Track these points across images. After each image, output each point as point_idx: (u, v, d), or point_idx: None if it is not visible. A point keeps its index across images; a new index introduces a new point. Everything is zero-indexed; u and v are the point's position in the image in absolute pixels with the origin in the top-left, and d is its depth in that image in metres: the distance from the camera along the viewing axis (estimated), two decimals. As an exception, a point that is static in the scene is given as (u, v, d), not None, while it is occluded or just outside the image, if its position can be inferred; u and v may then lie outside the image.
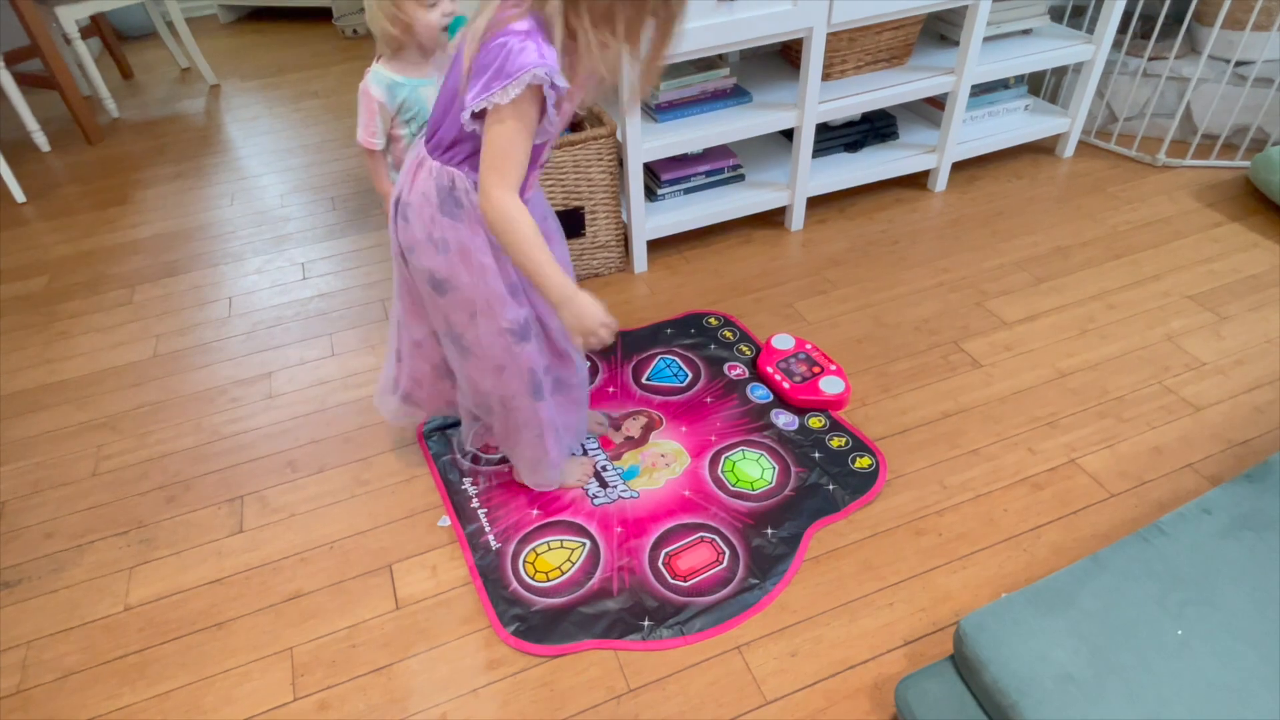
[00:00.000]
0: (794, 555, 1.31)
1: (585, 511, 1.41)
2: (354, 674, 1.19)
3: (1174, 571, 0.95)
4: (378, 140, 1.48)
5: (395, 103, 1.44)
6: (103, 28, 3.28)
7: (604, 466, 1.48)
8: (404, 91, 1.43)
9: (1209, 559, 0.95)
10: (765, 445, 1.51)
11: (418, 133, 1.48)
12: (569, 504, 1.42)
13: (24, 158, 2.73)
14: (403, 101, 1.44)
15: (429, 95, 1.46)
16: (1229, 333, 1.70)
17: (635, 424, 1.57)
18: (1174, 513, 1.00)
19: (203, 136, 2.88)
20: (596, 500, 1.42)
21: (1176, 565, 0.96)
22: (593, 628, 1.23)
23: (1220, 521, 0.98)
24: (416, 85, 1.44)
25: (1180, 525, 0.99)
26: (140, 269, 2.15)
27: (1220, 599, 0.92)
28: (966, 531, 1.33)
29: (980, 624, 0.96)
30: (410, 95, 1.44)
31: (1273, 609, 0.89)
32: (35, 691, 1.19)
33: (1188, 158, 2.27)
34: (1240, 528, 0.97)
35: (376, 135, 1.47)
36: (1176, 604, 0.92)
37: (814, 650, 1.18)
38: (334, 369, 1.76)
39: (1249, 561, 0.94)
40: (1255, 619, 0.89)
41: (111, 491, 1.51)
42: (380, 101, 1.43)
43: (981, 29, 1.94)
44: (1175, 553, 0.97)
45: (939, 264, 1.96)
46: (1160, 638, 0.90)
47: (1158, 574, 0.95)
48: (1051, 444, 1.48)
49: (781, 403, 1.59)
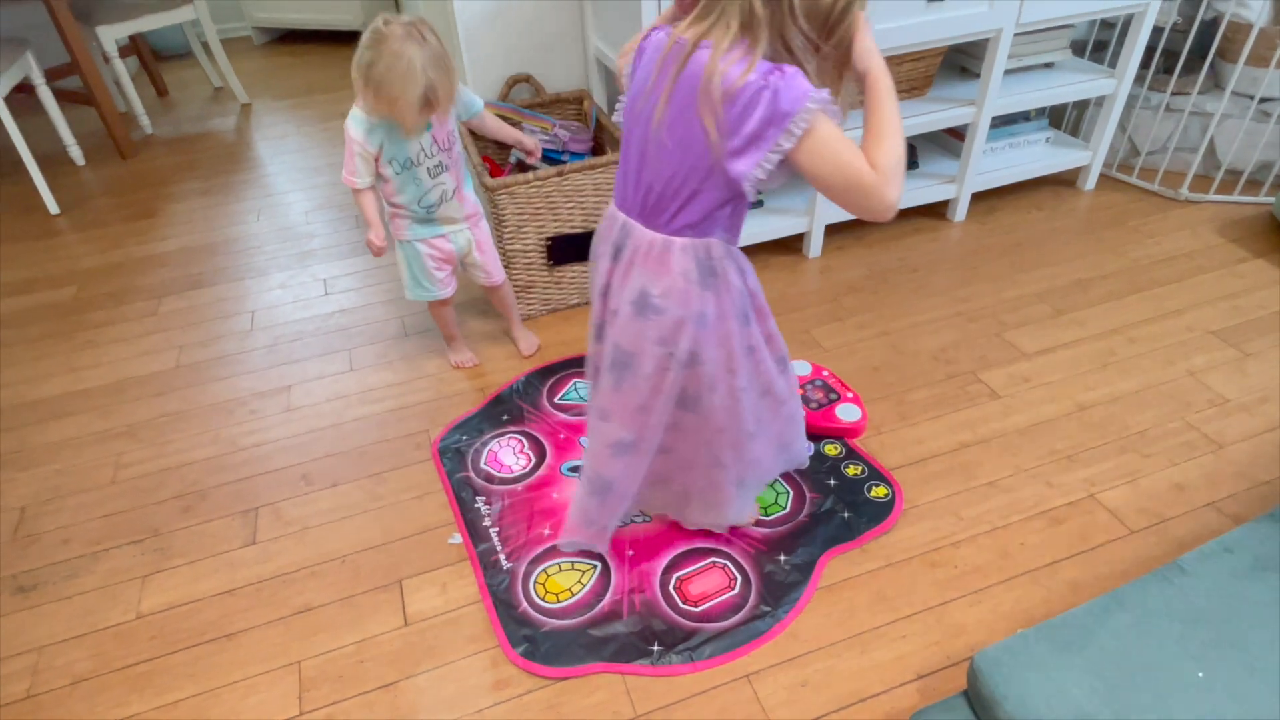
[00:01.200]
0: (807, 583, 1.30)
1: None
2: (361, 690, 1.18)
3: (1195, 611, 0.93)
4: (358, 180, 1.49)
5: (375, 144, 1.45)
6: (141, 47, 3.37)
7: None
8: (381, 133, 1.44)
9: (1231, 599, 0.93)
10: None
11: (403, 172, 1.49)
12: None
13: (59, 171, 2.80)
14: (381, 143, 1.45)
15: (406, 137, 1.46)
16: (1253, 369, 1.68)
17: None
18: (1195, 551, 0.98)
19: (232, 153, 2.94)
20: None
21: (1198, 605, 0.94)
22: (601, 651, 1.22)
23: (1243, 561, 0.96)
24: (394, 127, 1.45)
25: (1202, 564, 0.97)
26: (166, 281, 2.19)
27: (1243, 640, 0.89)
28: (982, 565, 1.31)
29: (995, 659, 0.94)
30: (388, 137, 1.45)
31: (1298, 652, 0.87)
32: (45, 697, 1.20)
33: (1211, 193, 2.26)
34: (1263, 568, 0.95)
35: (357, 174, 1.48)
36: (1198, 645, 0.90)
37: (825, 681, 1.16)
38: (351, 384, 1.77)
39: (1272, 602, 0.92)
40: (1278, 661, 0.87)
41: (129, 499, 1.52)
42: (359, 141, 1.45)
43: (1003, 62, 1.95)
44: (1197, 592, 0.95)
45: (958, 293, 1.95)
46: (1181, 679, 0.88)
47: (1179, 613, 0.93)
48: (1071, 478, 1.46)
49: (796, 429, 1.58)
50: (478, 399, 1.71)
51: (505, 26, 2.00)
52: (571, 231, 1.83)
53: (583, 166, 1.74)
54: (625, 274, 1.04)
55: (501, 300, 1.80)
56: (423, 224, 1.59)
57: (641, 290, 1.02)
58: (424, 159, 1.49)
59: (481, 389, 1.74)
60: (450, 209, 1.58)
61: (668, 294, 1.01)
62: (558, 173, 1.73)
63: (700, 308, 1.02)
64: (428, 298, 1.68)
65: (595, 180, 1.77)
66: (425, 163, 1.50)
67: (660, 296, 1.01)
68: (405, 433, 1.63)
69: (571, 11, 2.02)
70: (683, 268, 1.00)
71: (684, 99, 0.90)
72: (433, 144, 1.49)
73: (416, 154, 1.48)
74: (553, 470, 1.53)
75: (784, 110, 0.84)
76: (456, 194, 1.57)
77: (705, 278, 1.01)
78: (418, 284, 1.66)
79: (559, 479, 1.51)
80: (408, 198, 1.53)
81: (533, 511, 1.44)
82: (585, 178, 1.76)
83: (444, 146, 1.51)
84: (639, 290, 1.03)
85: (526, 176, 1.72)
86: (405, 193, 1.53)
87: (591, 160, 1.75)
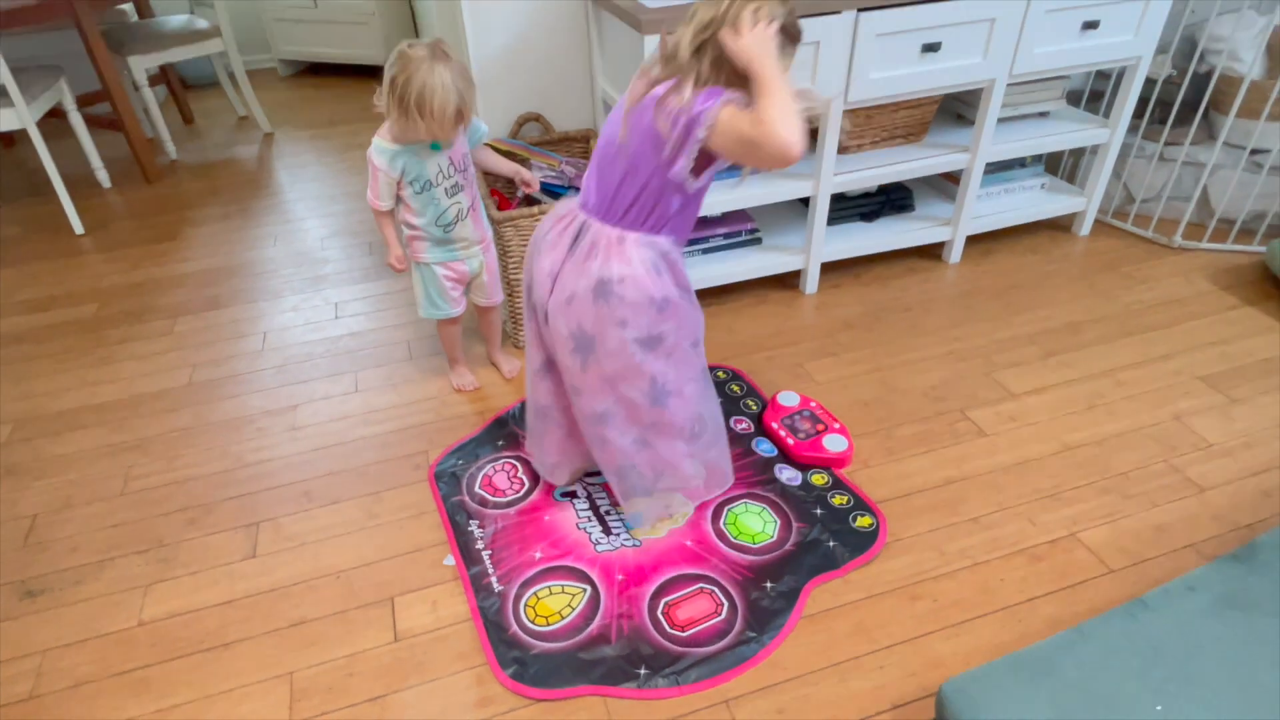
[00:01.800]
0: (792, 610, 1.33)
1: (588, 558, 1.44)
2: (349, 702, 1.22)
3: (1157, 647, 0.96)
4: (383, 203, 1.60)
5: (396, 170, 1.55)
6: (170, 77, 3.51)
7: (608, 512, 1.52)
8: (403, 159, 1.54)
9: (1192, 636, 0.96)
10: (768, 499, 1.53)
11: (423, 192, 1.58)
12: (571, 549, 1.45)
13: (86, 193, 2.90)
14: (403, 167, 1.55)
15: (429, 159, 1.56)
16: (1239, 415, 1.70)
17: None
18: (1160, 588, 1.01)
19: (253, 180, 3.04)
20: (599, 547, 1.46)
21: (1160, 641, 0.96)
22: (589, 674, 1.24)
23: (1205, 600, 0.99)
24: (415, 150, 1.55)
25: (1165, 601, 1.00)
26: (184, 301, 2.27)
27: (1202, 677, 0.92)
28: (962, 599, 1.34)
29: (961, 688, 0.97)
30: (409, 161, 1.55)
31: (1254, 689, 0.90)
32: (47, 699, 1.24)
33: (1204, 240, 2.30)
34: (1225, 606, 0.98)
35: (381, 198, 1.59)
36: (1158, 679, 0.93)
37: (802, 709, 1.19)
38: (356, 405, 1.83)
39: (1232, 640, 0.94)
40: (1236, 699, 0.89)
41: (137, 511, 1.57)
42: (384, 169, 1.54)
43: (996, 111, 2.02)
44: (1159, 628, 0.97)
45: (950, 333, 1.99)
46: (1139, 712, 0.90)
47: (1140, 649, 0.96)
48: (1053, 516, 1.49)
49: (785, 458, 1.62)
50: (476, 423, 1.76)
51: (517, 67, 2.09)
52: (574, 263, 1.89)
53: (586, 201, 1.81)
54: (582, 263, 1.22)
55: (490, 324, 1.89)
56: (440, 246, 1.67)
57: (600, 278, 1.20)
58: (442, 179, 1.58)
59: (480, 413, 1.79)
60: (465, 229, 1.67)
61: (624, 280, 1.19)
62: (562, 207, 1.79)
63: (659, 293, 1.21)
64: (441, 316, 1.76)
65: (598, 215, 1.83)
66: (443, 183, 1.59)
67: (618, 283, 1.19)
68: (404, 453, 1.68)
69: (581, 55, 2.10)
70: (640, 258, 1.19)
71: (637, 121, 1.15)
72: (449, 164, 1.59)
73: (435, 175, 1.57)
74: (545, 494, 1.57)
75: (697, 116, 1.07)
76: (471, 212, 1.66)
77: (660, 267, 1.21)
78: (432, 304, 1.74)
79: (551, 503, 1.55)
80: (427, 219, 1.62)
81: (525, 535, 1.48)
82: (588, 212, 1.82)
83: (460, 168, 1.61)
84: (597, 278, 1.20)
85: (531, 210, 1.79)
86: (425, 214, 1.61)
87: (595, 196, 1.82)
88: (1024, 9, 1.86)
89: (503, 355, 1.93)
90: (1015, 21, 1.87)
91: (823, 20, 1.71)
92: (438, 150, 1.55)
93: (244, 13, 3.95)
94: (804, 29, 1.19)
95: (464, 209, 1.64)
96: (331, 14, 3.84)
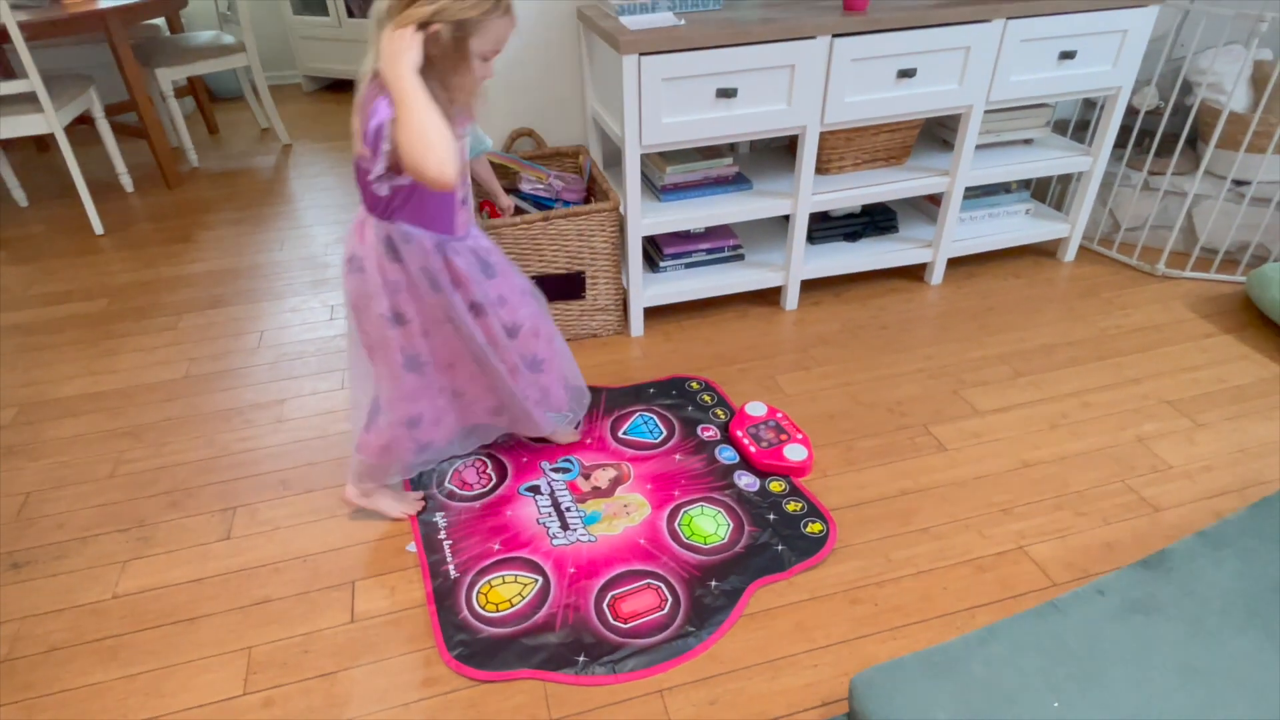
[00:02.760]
0: (732, 608, 1.36)
1: (544, 551, 1.49)
2: (301, 677, 1.27)
3: (1062, 647, 0.98)
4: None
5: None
6: (198, 88, 3.67)
7: (568, 508, 1.57)
8: None
9: (1096, 638, 0.98)
10: (724, 503, 1.58)
11: None
12: (528, 541, 1.50)
13: (109, 196, 3.04)
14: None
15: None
16: (1202, 439, 1.72)
17: (604, 475, 1.65)
18: (1070, 592, 1.04)
19: (268, 188, 3.17)
20: (556, 541, 1.50)
21: (1065, 641, 0.99)
22: (531, 659, 1.29)
23: (1113, 603, 1.01)
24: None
25: (1074, 604, 1.02)
26: (190, 299, 2.37)
27: (1101, 676, 0.94)
28: (902, 605, 1.37)
29: (871, 681, 1.00)
30: None
31: (1150, 689, 0.92)
32: (20, 662, 1.31)
33: (1187, 269, 2.31)
34: (1131, 611, 1.00)
35: None
36: (1059, 677, 0.95)
37: (733, 701, 1.22)
38: (340, 401, 1.90)
39: (1134, 643, 0.97)
40: (1133, 698, 0.92)
41: (123, 492, 1.65)
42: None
43: (974, 137, 2.06)
44: (1066, 629, 1.00)
45: (923, 351, 2.02)
46: (1038, 708, 0.93)
47: (1046, 648, 0.99)
48: (1003, 530, 1.51)
49: (747, 465, 1.66)
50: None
51: (512, 84, 2.17)
52: (556, 272, 1.96)
53: (567, 213, 1.88)
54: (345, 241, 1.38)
55: None
56: None
57: (350, 254, 1.35)
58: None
59: (458, 413, 1.85)
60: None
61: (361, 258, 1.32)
62: (543, 218, 1.87)
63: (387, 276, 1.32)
64: None
65: (579, 226, 1.91)
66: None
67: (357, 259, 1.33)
68: (381, 448, 1.75)
69: (573, 74, 2.19)
70: (373, 239, 1.30)
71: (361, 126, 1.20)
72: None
73: None
74: (511, 490, 1.62)
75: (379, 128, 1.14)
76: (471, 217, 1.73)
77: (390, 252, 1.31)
78: None
79: (515, 498, 1.60)
80: None
81: (486, 527, 1.54)
82: (569, 223, 1.90)
83: (463, 177, 1.67)
84: (349, 253, 1.35)
85: (515, 220, 1.86)
86: None
87: (575, 208, 1.89)
88: (999, 39, 1.91)
89: None
90: (991, 50, 1.92)
91: (798, 44, 1.78)
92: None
93: (271, 31, 4.13)
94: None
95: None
96: (355, 33, 4.00)
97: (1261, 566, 1.01)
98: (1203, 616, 0.98)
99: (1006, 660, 0.99)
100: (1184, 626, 0.97)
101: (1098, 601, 1.02)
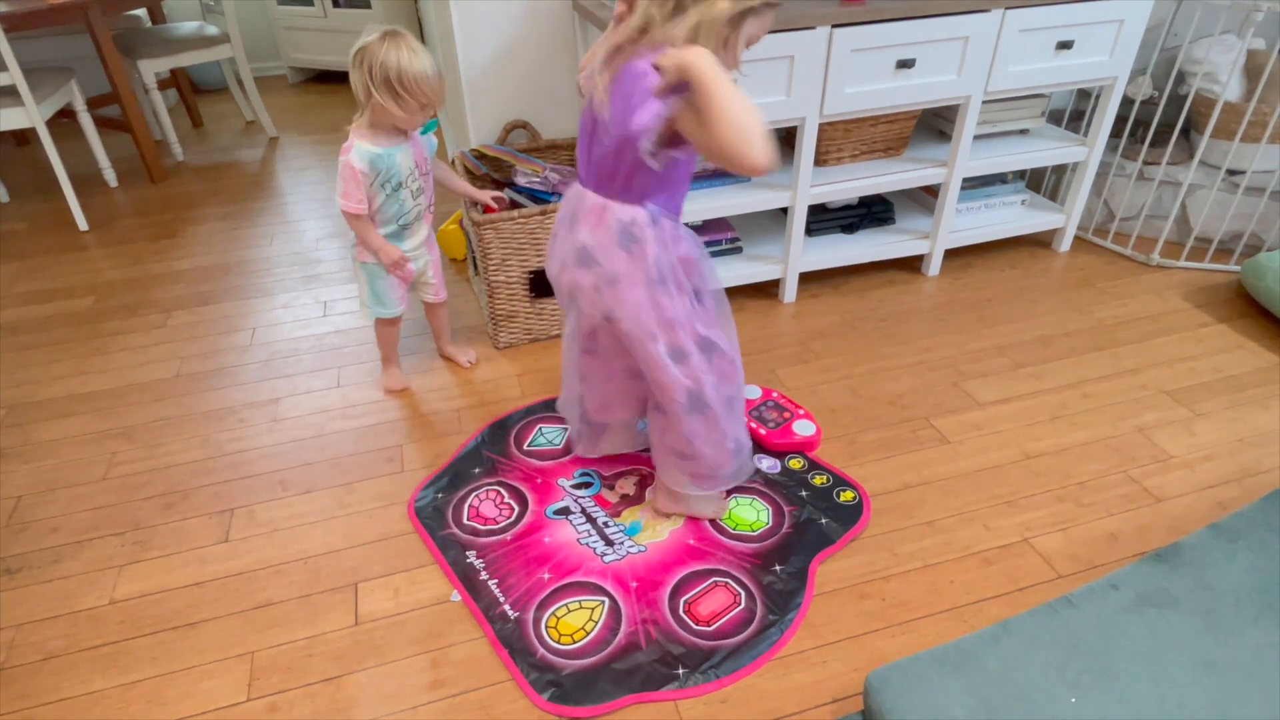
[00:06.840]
0: (804, 589, 1.37)
1: (597, 570, 1.42)
2: (306, 681, 1.25)
3: (1076, 642, 0.98)
4: (363, 207, 1.64)
5: (375, 171, 1.61)
6: (181, 80, 3.60)
7: (606, 524, 1.52)
8: (384, 161, 1.60)
9: (1111, 633, 0.98)
10: (755, 490, 1.58)
11: (393, 193, 1.64)
12: (578, 564, 1.43)
13: (92, 191, 2.99)
14: (382, 169, 1.61)
15: (402, 160, 1.63)
16: (1201, 429, 1.72)
17: (629, 481, 1.62)
18: (1084, 587, 1.04)
19: (255, 182, 3.12)
20: (606, 558, 1.44)
21: (1080, 636, 0.99)
22: (629, 683, 1.23)
23: (1126, 598, 1.02)
24: (394, 153, 1.61)
25: (1088, 599, 1.02)
26: (178, 296, 2.33)
27: (1117, 671, 0.95)
28: (910, 599, 1.37)
29: (886, 678, 1.00)
30: (388, 162, 1.61)
31: (1166, 684, 0.92)
32: (16, 670, 1.28)
33: (1182, 259, 2.32)
34: (1145, 605, 1.00)
35: (361, 202, 1.63)
36: (1075, 672, 0.95)
37: (744, 699, 1.22)
38: (336, 399, 1.88)
39: (1149, 637, 0.97)
40: (1149, 692, 0.92)
41: (117, 495, 1.62)
42: (364, 173, 1.60)
43: (972, 128, 2.06)
44: (1080, 624, 1.00)
45: (922, 343, 2.02)
46: (1054, 704, 0.93)
47: (1060, 643, 0.99)
48: (1007, 522, 1.51)
49: (760, 448, 1.65)
50: (450, 418, 1.80)
51: (506, 75, 2.15)
52: (553, 267, 1.94)
53: (565, 206, 1.86)
54: (570, 230, 1.27)
55: (439, 318, 1.96)
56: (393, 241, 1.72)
57: (582, 244, 1.24)
58: (411, 181, 1.66)
59: (456, 409, 1.83)
60: (420, 229, 1.75)
61: (600, 248, 1.23)
62: (540, 211, 1.85)
63: (613, 268, 1.22)
64: (388, 314, 1.81)
65: (576, 220, 1.88)
66: (411, 185, 1.66)
67: (596, 249, 1.23)
68: (379, 447, 1.72)
69: (568, 65, 2.16)
70: (612, 225, 1.21)
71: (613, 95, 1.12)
72: (414, 167, 1.66)
73: (406, 176, 1.64)
74: (538, 516, 1.54)
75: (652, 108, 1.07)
76: (427, 212, 1.75)
77: (625, 240, 1.21)
78: (380, 302, 1.78)
79: (546, 523, 1.52)
80: (388, 215, 1.68)
81: (528, 559, 1.45)
82: (567, 217, 1.87)
83: (424, 171, 1.69)
84: (580, 244, 1.25)
85: (511, 214, 1.84)
86: (387, 210, 1.67)
87: (573, 201, 1.87)
88: (998, 28, 1.90)
89: (455, 347, 2.00)
90: (989, 40, 1.92)
91: (798, 35, 1.76)
92: (432, 129, 1.61)
93: (255, 21, 4.06)
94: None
95: (423, 208, 1.73)
96: (341, 24, 3.94)
97: (1275, 559, 1.01)
98: (1217, 610, 0.98)
99: (1021, 656, 0.99)
100: (1199, 620, 0.98)
101: (1111, 595, 1.02)
